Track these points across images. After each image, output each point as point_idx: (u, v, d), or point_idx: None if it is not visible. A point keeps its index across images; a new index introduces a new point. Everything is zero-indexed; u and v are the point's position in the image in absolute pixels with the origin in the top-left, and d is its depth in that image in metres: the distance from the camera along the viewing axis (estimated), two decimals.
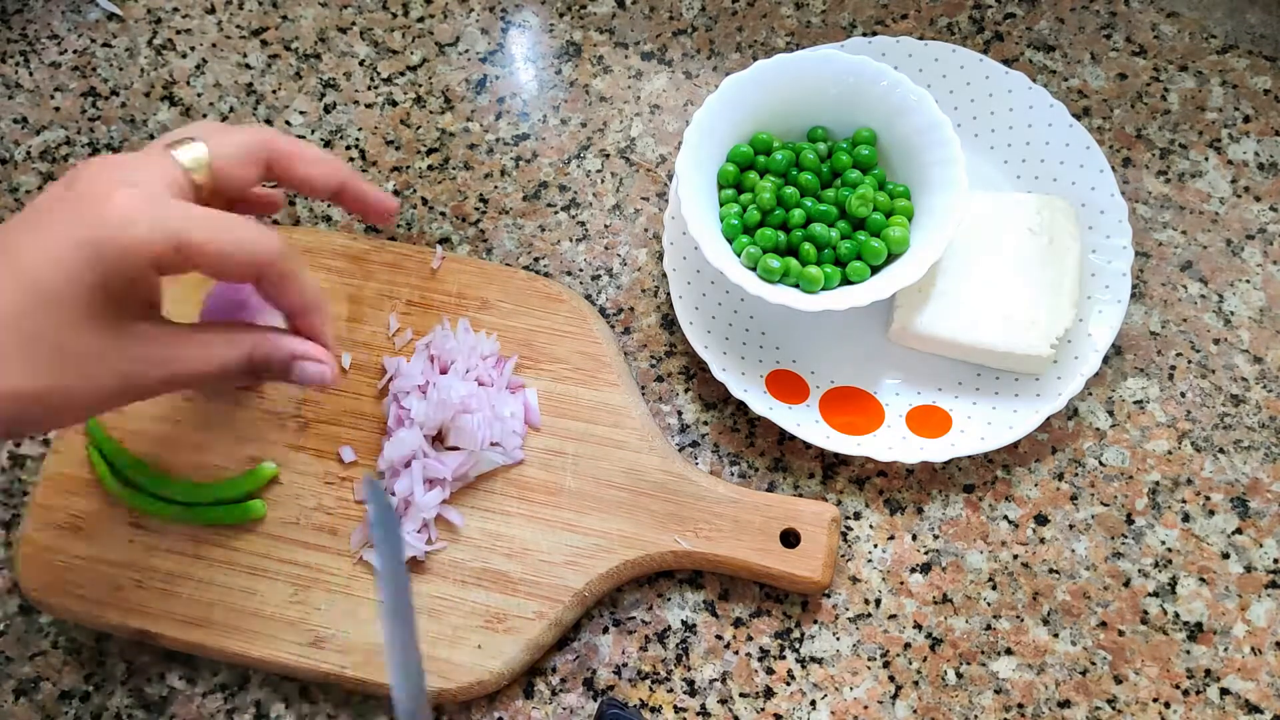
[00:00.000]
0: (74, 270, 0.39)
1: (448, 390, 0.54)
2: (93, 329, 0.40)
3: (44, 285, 0.39)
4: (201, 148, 0.43)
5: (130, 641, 0.56)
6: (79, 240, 0.39)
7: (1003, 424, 0.56)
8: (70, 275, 0.39)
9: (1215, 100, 0.65)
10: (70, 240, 0.39)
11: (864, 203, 0.56)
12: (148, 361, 0.42)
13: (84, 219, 0.39)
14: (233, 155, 0.44)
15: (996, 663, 0.54)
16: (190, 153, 0.43)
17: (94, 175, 0.40)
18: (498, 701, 0.54)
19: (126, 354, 0.41)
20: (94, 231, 0.39)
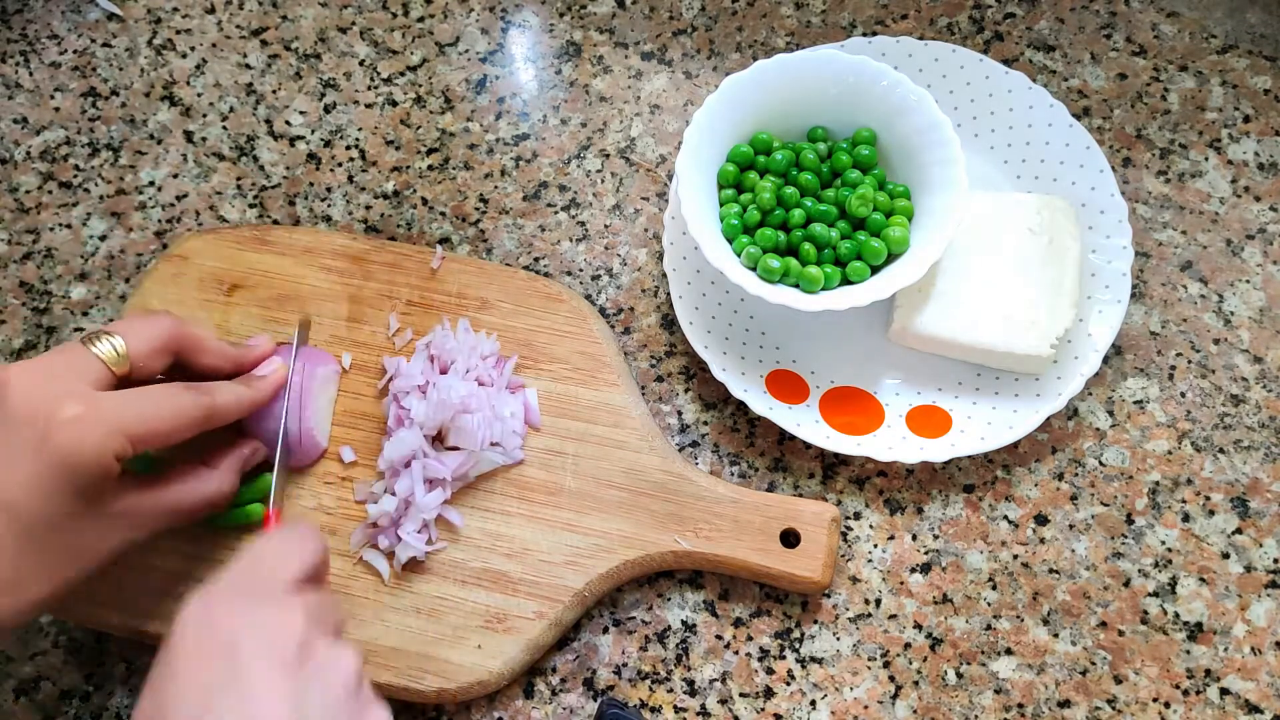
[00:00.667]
0: (52, 493, 0.43)
1: (448, 390, 0.54)
2: (83, 522, 0.45)
3: (32, 514, 0.43)
4: (120, 341, 0.47)
5: (130, 641, 0.56)
6: (44, 468, 0.43)
7: (1003, 424, 0.56)
8: (51, 499, 0.43)
9: (1215, 100, 0.65)
10: (36, 470, 0.43)
11: (864, 203, 0.56)
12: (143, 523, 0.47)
13: (40, 446, 0.43)
14: (147, 347, 0.48)
15: (996, 663, 0.54)
16: (108, 348, 0.47)
17: (28, 392, 0.44)
18: (498, 701, 0.54)
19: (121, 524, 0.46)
20: (55, 455, 0.43)
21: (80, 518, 0.45)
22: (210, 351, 0.51)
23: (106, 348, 0.47)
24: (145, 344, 0.48)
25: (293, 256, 0.61)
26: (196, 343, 0.51)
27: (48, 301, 0.63)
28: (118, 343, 0.47)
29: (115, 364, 0.47)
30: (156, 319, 0.50)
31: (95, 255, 0.64)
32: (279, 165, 0.66)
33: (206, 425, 0.49)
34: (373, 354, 0.59)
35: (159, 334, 0.49)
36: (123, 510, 0.46)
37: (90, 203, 0.66)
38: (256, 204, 0.65)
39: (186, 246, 0.61)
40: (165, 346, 0.49)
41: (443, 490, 0.54)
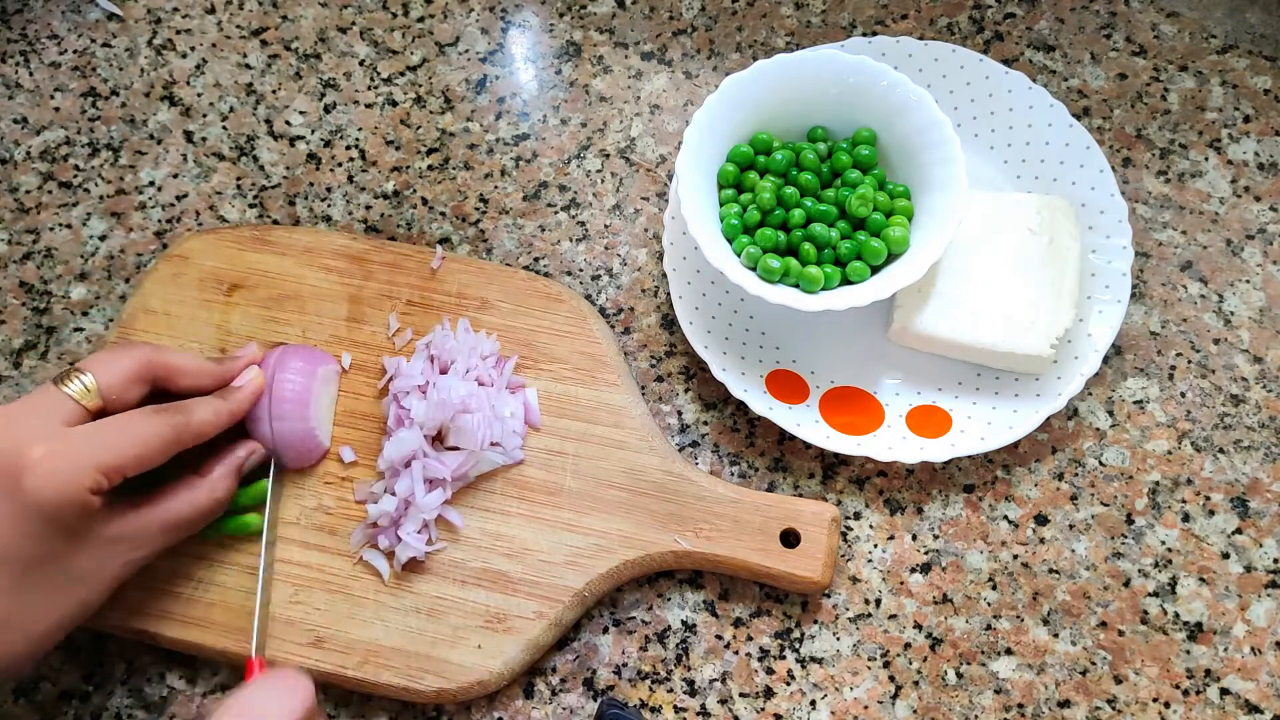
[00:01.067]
0: (33, 534, 0.44)
1: (448, 390, 0.54)
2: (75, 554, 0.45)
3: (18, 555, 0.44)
4: (89, 378, 0.48)
5: (130, 641, 0.56)
6: (20, 512, 0.44)
7: (1003, 424, 0.56)
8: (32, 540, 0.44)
9: (1215, 100, 0.65)
10: (12, 514, 0.44)
11: (864, 203, 0.56)
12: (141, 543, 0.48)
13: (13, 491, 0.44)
14: (119, 380, 0.48)
15: (996, 663, 0.54)
16: (78, 385, 0.47)
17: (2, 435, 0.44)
18: (498, 701, 0.54)
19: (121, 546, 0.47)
20: (28, 498, 0.44)
21: (70, 552, 0.45)
22: (188, 373, 0.51)
23: (76, 385, 0.47)
24: (116, 376, 0.48)
25: (293, 256, 0.61)
26: (172, 369, 0.51)
27: (48, 301, 0.63)
28: (87, 379, 0.47)
29: (86, 400, 0.47)
30: (127, 350, 0.50)
31: (95, 255, 0.64)
32: (279, 165, 0.66)
33: (183, 445, 0.49)
34: (373, 354, 0.59)
35: (129, 365, 0.49)
36: (116, 535, 0.47)
37: (90, 203, 0.66)
38: (256, 204, 0.65)
39: (186, 246, 0.61)
40: (138, 376, 0.49)
41: (443, 490, 0.54)
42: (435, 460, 0.54)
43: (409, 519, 0.54)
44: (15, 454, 0.44)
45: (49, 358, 0.62)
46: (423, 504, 0.54)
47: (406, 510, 0.54)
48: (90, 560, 0.46)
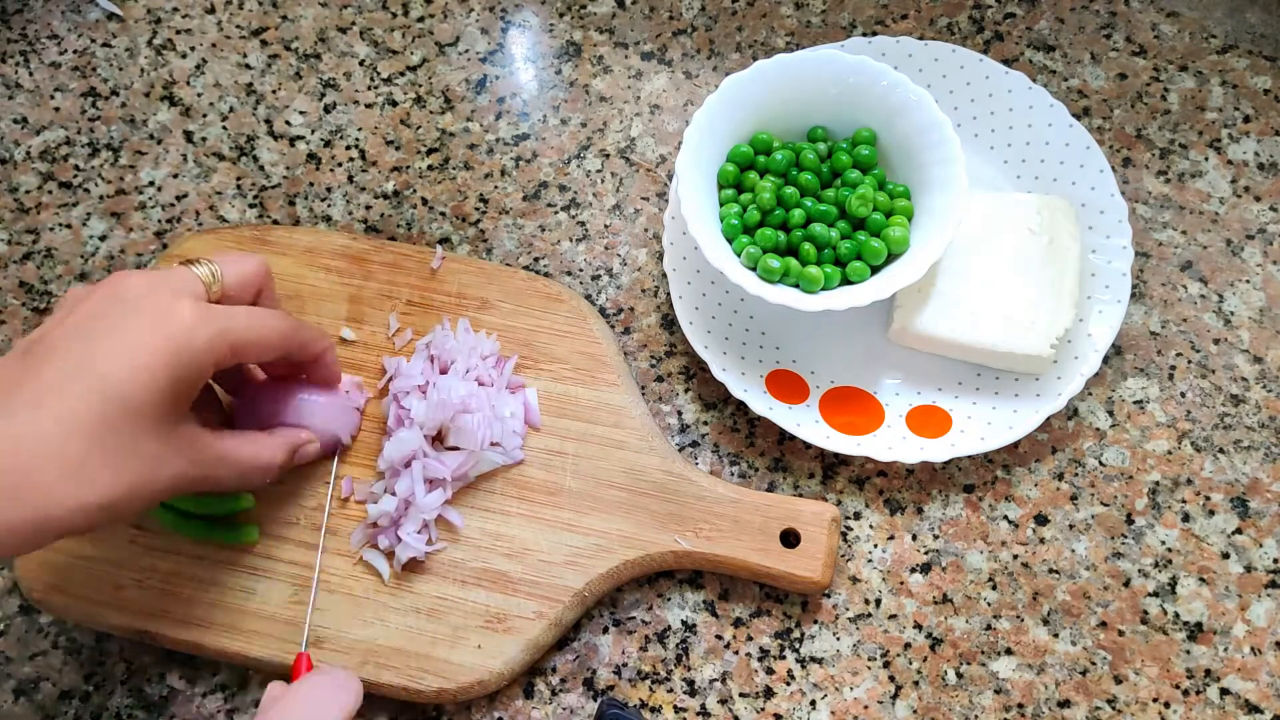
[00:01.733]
0: (154, 378, 0.43)
1: (448, 390, 0.54)
2: (159, 432, 0.44)
3: (126, 395, 0.43)
4: (216, 268, 0.49)
5: (130, 641, 0.56)
6: (156, 348, 0.43)
7: (1003, 424, 0.56)
8: (151, 383, 0.43)
9: (1215, 100, 0.65)
10: (149, 348, 0.43)
11: (864, 203, 0.56)
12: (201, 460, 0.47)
13: (157, 328, 0.44)
14: (239, 280, 0.50)
15: (996, 663, 0.54)
16: (206, 270, 0.48)
17: (147, 289, 0.45)
18: (498, 701, 0.54)
19: (184, 454, 0.46)
20: (169, 340, 0.44)
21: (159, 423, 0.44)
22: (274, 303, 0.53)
23: (205, 271, 0.48)
24: (238, 276, 0.49)
25: (293, 256, 0.61)
26: (272, 287, 0.52)
27: (48, 301, 0.63)
28: (215, 269, 0.49)
29: (212, 285, 0.48)
30: (250, 256, 0.51)
31: (95, 255, 0.64)
32: (279, 165, 0.66)
33: (289, 351, 0.51)
34: (373, 354, 0.59)
35: (251, 269, 0.50)
36: (189, 438, 0.46)
37: (90, 203, 0.66)
38: (256, 204, 0.65)
39: (186, 246, 0.61)
40: (254, 281, 0.50)
41: (443, 490, 0.54)
42: (435, 460, 0.54)
43: (409, 519, 0.54)
44: (168, 306, 0.45)
45: None
46: (423, 504, 0.54)
47: (406, 510, 0.54)
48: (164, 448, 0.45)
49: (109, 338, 0.43)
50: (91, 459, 0.42)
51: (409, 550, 0.53)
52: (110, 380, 0.42)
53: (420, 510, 0.54)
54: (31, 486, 0.41)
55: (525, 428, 0.57)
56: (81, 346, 0.43)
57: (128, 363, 0.43)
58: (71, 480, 0.42)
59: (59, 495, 0.41)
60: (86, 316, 0.44)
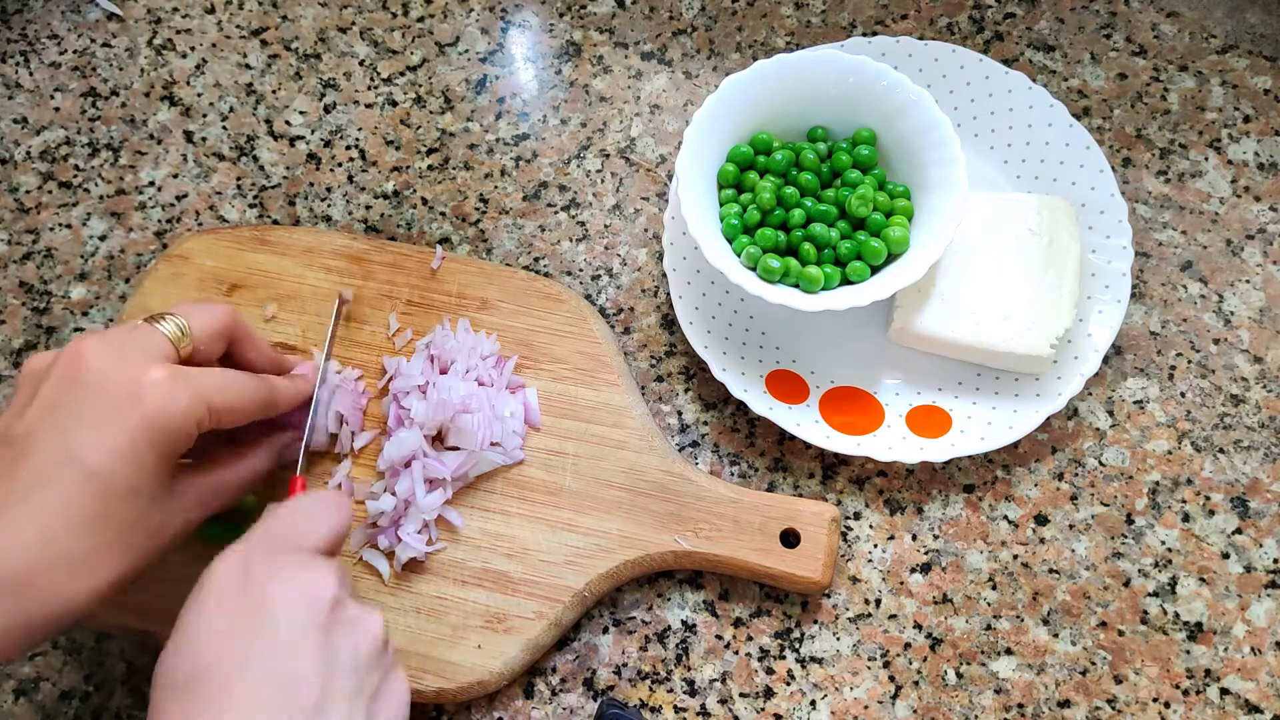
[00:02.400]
0: (139, 457, 0.43)
1: (448, 390, 0.54)
2: (156, 500, 0.44)
3: (116, 482, 0.42)
4: (184, 322, 0.47)
5: (130, 641, 0.56)
6: (133, 429, 0.42)
7: (1003, 424, 0.56)
8: (137, 464, 0.43)
9: (1215, 100, 0.65)
10: (125, 431, 0.42)
11: (864, 203, 0.56)
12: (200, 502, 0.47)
13: (130, 409, 0.43)
14: (209, 331, 0.48)
15: (996, 663, 0.54)
16: (173, 326, 0.47)
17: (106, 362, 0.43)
18: (498, 701, 0.54)
19: (184, 507, 0.46)
20: (145, 419, 0.43)
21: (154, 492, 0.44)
22: (255, 344, 0.52)
23: (172, 327, 0.47)
24: (207, 327, 0.48)
25: (293, 256, 0.61)
26: (246, 334, 0.51)
27: (48, 301, 0.63)
28: (182, 323, 0.47)
29: (180, 343, 0.47)
30: (216, 306, 0.50)
31: (95, 255, 0.64)
32: (279, 165, 0.66)
33: (267, 412, 0.50)
34: (373, 354, 0.59)
35: (220, 319, 0.49)
36: (181, 490, 0.46)
37: (90, 203, 0.66)
38: (256, 204, 0.65)
39: (186, 246, 0.61)
40: (225, 332, 0.49)
41: (443, 490, 0.54)
42: (435, 460, 0.54)
43: (409, 519, 0.54)
44: (134, 377, 0.43)
45: None
46: (423, 504, 0.54)
47: (406, 510, 0.54)
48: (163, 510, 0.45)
49: (83, 424, 0.42)
50: (97, 549, 0.42)
51: (409, 550, 0.53)
52: (96, 469, 0.42)
53: (420, 510, 0.54)
54: (42, 587, 0.41)
55: (525, 428, 0.57)
56: (58, 437, 0.42)
57: (109, 447, 0.42)
58: (81, 573, 0.42)
59: (70, 590, 0.42)
60: (52, 402, 0.43)
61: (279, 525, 0.43)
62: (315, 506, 0.44)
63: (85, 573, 0.42)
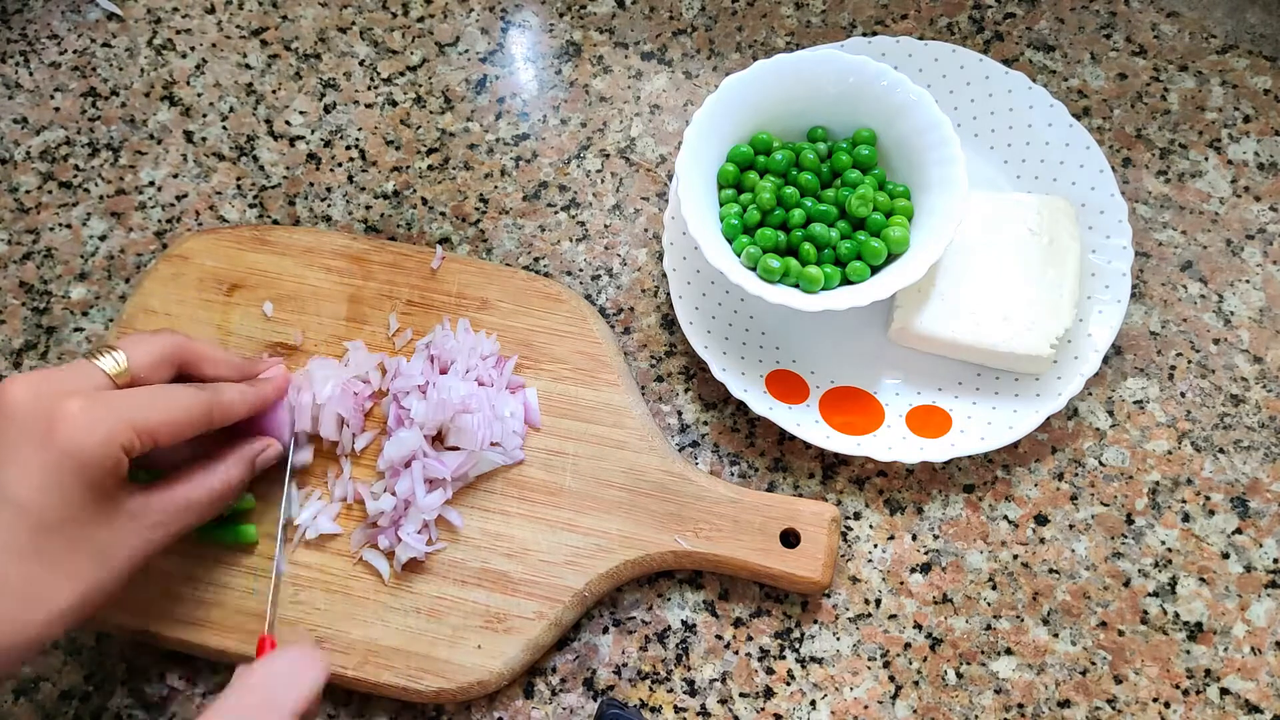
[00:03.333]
0: (63, 489, 0.43)
1: (448, 390, 0.54)
2: (99, 523, 0.44)
3: (44, 514, 0.43)
4: (121, 356, 0.47)
5: (130, 641, 0.56)
6: (51, 463, 0.43)
7: (1003, 424, 0.56)
8: (62, 495, 0.43)
9: (1215, 100, 0.65)
10: (44, 466, 0.43)
11: (864, 203, 0.56)
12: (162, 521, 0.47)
13: (46, 441, 0.43)
14: (148, 360, 0.48)
15: (996, 663, 0.54)
16: (110, 360, 0.47)
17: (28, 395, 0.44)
18: (498, 701, 0.54)
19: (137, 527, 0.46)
20: (62, 448, 0.43)
21: (93, 517, 0.44)
22: (213, 361, 0.52)
23: (109, 361, 0.47)
24: (146, 357, 0.48)
25: (293, 256, 0.61)
26: (199, 355, 0.51)
27: (48, 301, 0.63)
28: (119, 356, 0.47)
29: (117, 375, 0.47)
30: (158, 334, 0.50)
31: (95, 255, 0.64)
32: (279, 165, 0.66)
33: (210, 423, 0.49)
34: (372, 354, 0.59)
35: (160, 348, 0.49)
36: (136, 511, 0.46)
37: (90, 203, 0.66)
38: (256, 204, 0.65)
39: (186, 246, 0.61)
40: (166, 359, 0.49)
41: (443, 490, 0.54)
42: (435, 460, 0.54)
43: (409, 519, 0.54)
44: (50, 408, 0.43)
45: (49, 358, 0.62)
46: (423, 504, 0.54)
47: (406, 510, 0.54)
48: (109, 532, 0.45)
49: (5, 460, 0.43)
50: (38, 577, 0.43)
51: (409, 550, 0.53)
52: (23, 503, 0.42)
53: (420, 510, 0.54)
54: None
55: (525, 428, 0.57)
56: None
57: (33, 483, 0.43)
58: (28, 602, 0.43)
59: (20, 621, 0.42)
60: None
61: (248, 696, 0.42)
62: (286, 671, 0.44)
63: (30, 603, 0.43)
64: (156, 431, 0.46)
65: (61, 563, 0.44)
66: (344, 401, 0.56)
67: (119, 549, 0.46)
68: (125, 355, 0.48)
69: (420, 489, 0.54)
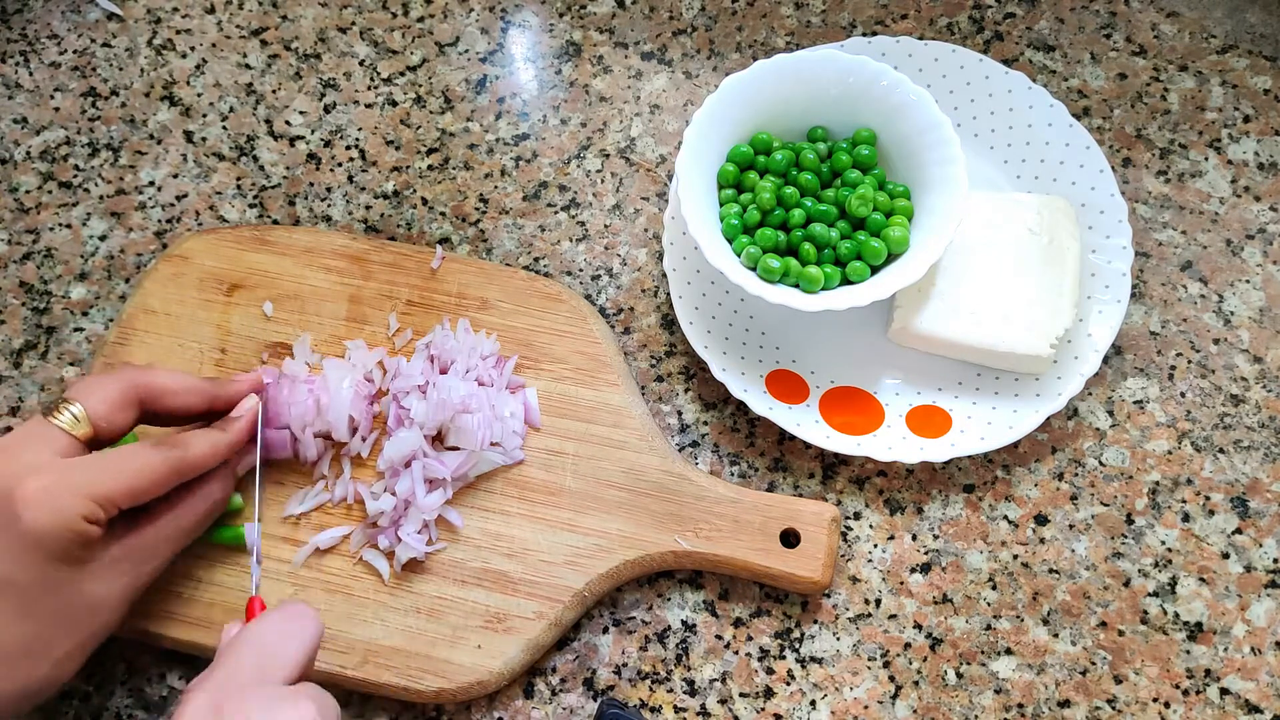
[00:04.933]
0: (37, 564, 0.44)
1: (448, 390, 0.54)
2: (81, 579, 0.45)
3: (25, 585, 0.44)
4: (78, 407, 0.47)
5: (130, 641, 0.56)
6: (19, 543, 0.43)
7: (1003, 424, 0.56)
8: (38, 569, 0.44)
9: (1215, 100, 0.65)
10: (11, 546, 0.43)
11: (864, 203, 0.56)
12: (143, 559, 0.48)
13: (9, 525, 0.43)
14: (106, 406, 0.48)
15: (996, 663, 0.54)
16: (68, 415, 0.47)
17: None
18: (498, 701, 0.54)
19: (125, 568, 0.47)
20: (25, 528, 0.43)
21: (76, 577, 0.45)
22: (176, 392, 0.50)
23: (66, 416, 0.47)
24: (103, 403, 0.48)
25: (293, 256, 0.61)
26: (159, 389, 0.50)
27: (48, 301, 0.63)
28: (76, 409, 0.47)
29: (76, 429, 0.47)
30: (113, 375, 0.49)
31: (95, 255, 0.64)
32: (279, 165, 0.66)
33: (181, 478, 0.49)
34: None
35: (116, 390, 0.48)
36: (121, 555, 0.47)
37: (90, 203, 0.66)
38: (256, 204, 0.65)
39: (186, 246, 0.61)
40: (125, 400, 0.48)
41: (443, 490, 0.54)
42: (435, 460, 0.54)
43: (409, 519, 0.54)
44: (8, 489, 0.43)
45: (49, 358, 0.62)
46: (423, 504, 0.54)
47: (406, 510, 0.54)
48: (99, 583, 0.46)
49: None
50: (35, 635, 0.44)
51: (409, 550, 0.53)
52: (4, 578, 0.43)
53: (420, 510, 0.54)
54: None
55: (525, 428, 0.57)
56: None
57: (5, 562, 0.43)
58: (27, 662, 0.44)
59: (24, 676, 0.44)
60: None
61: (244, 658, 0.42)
62: (278, 631, 0.43)
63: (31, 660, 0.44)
64: (118, 499, 0.46)
65: (57, 620, 0.45)
66: (357, 404, 0.56)
67: (111, 594, 0.46)
68: (82, 406, 0.47)
69: (420, 489, 0.54)
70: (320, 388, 0.55)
